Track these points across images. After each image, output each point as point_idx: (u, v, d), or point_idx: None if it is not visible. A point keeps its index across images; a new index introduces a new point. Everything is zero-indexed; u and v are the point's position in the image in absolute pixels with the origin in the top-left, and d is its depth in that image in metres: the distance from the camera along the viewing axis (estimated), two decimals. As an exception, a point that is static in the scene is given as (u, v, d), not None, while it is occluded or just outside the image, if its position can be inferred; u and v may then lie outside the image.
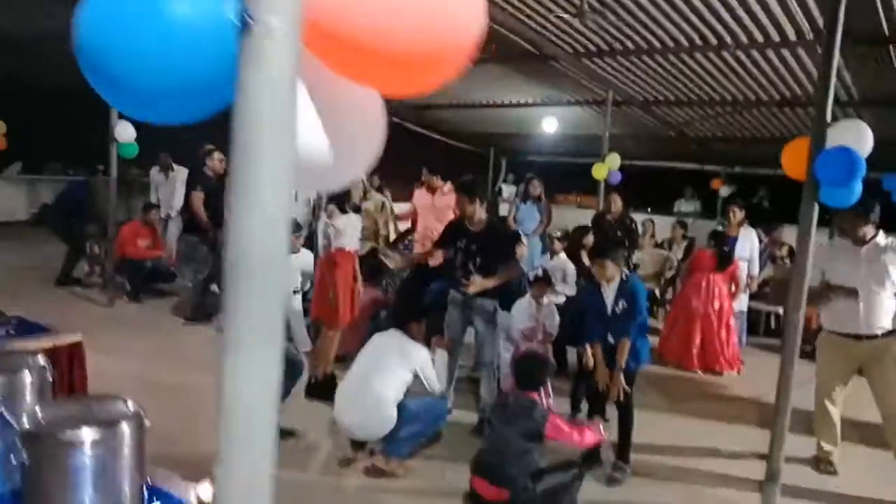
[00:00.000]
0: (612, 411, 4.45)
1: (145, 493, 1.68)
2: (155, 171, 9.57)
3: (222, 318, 0.90)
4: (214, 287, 7.24)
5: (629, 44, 7.61)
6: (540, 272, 5.56)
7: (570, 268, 6.11)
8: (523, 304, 5.25)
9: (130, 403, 1.76)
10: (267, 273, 0.90)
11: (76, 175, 13.24)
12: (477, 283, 4.51)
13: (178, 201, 8.78)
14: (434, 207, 6.77)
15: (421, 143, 14.07)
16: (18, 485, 1.65)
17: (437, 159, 14.37)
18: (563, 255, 6.27)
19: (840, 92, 7.96)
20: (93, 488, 1.55)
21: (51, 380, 1.92)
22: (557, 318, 5.26)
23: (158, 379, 5.38)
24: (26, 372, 1.86)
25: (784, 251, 9.31)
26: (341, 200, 5.30)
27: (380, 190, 8.40)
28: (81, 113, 7.64)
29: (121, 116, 7.27)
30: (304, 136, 1.01)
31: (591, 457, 4.20)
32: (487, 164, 15.89)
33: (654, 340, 7.27)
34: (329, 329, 5.22)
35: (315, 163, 1.09)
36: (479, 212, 4.66)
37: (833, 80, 3.52)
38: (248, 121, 0.85)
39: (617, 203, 8.23)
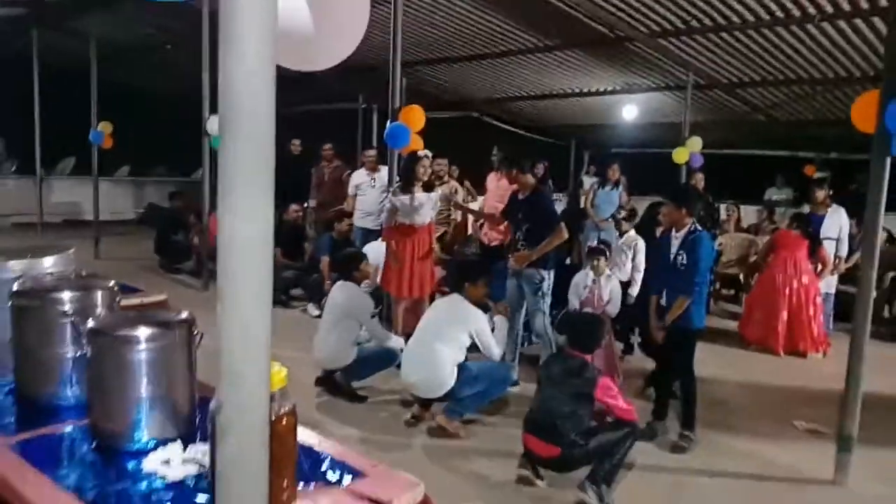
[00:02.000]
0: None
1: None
2: None
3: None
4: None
5: (707, 21, 7.42)
6: (595, 243, 5.51)
7: (641, 244, 5.86)
8: (580, 276, 5.22)
9: (185, 313, 1.94)
10: (254, 122, 1.03)
11: (178, 177, 14.27)
12: (521, 255, 4.65)
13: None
14: (498, 188, 6.85)
15: (503, 137, 14.15)
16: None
17: (520, 153, 14.40)
18: (632, 233, 6.03)
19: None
20: (146, 379, 1.74)
21: (118, 301, 2.15)
22: (619, 296, 5.16)
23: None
24: (99, 292, 2.10)
25: (883, 235, 8.81)
26: (409, 179, 5.47)
27: (459, 181, 8.57)
28: (181, 117, 8.30)
29: (211, 111, 7.76)
30: (286, 5, 1.13)
31: (649, 426, 4.18)
32: (569, 156, 15.76)
33: (734, 325, 7.08)
34: (397, 298, 5.44)
35: (298, 33, 1.22)
36: (527, 179, 4.76)
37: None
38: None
39: (700, 182, 8.00)
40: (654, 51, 8.58)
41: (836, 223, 6.79)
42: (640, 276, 5.68)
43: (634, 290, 5.56)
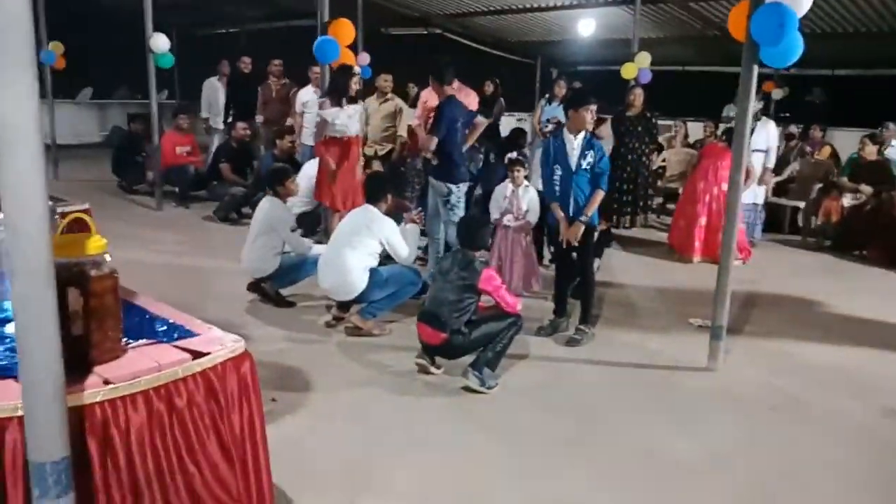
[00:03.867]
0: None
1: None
2: (214, 80, 9.91)
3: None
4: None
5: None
6: (514, 155, 5.72)
7: None
8: (500, 188, 5.47)
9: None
10: (10, 11, 1.26)
11: (141, 98, 14.17)
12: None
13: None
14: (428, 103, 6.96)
15: (467, 55, 14.08)
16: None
17: (486, 72, 14.39)
18: None
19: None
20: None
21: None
22: (537, 205, 5.40)
23: (183, 264, 6.05)
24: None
25: (824, 152, 9.07)
26: (337, 92, 5.62)
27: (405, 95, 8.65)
28: (134, 35, 8.23)
29: (155, 28, 7.76)
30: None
31: (551, 322, 4.55)
32: (535, 74, 15.71)
33: (665, 235, 7.41)
34: (332, 211, 5.69)
35: None
36: (442, 90, 4.96)
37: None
38: None
39: (638, 98, 8.04)
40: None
41: (764, 136, 7.01)
42: None
43: None
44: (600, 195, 4.27)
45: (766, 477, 2.98)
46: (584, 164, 4.24)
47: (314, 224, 6.58)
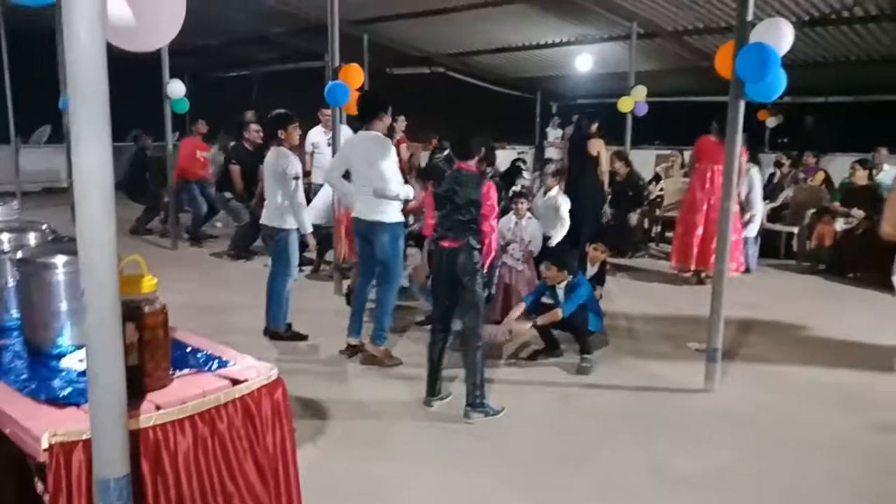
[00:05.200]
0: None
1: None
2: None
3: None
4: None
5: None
6: (519, 188, 5.96)
7: (564, 204, 6.21)
8: (504, 220, 5.70)
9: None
10: (92, 86, 1.49)
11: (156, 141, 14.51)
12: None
13: None
14: None
15: (469, 91, 14.50)
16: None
17: (489, 107, 14.71)
18: (553, 191, 6.34)
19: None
20: (64, 297, 2.22)
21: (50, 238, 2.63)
22: (539, 236, 5.65)
23: (202, 301, 6.28)
24: (32, 233, 2.58)
25: (818, 178, 9.31)
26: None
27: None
28: (145, 83, 8.55)
29: (172, 75, 8.10)
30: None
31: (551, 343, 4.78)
32: (535, 108, 16.11)
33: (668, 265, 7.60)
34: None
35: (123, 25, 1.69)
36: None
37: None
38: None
39: (594, 146, 8.21)
40: (595, 2, 8.92)
41: (746, 185, 7.13)
42: (563, 229, 6.18)
43: (554, 240, 6.08)
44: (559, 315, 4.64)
45: (765, 492, 3.15)
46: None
47: (328, 246, 6.80)
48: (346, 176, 4.88)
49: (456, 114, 12.86)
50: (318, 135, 7.95)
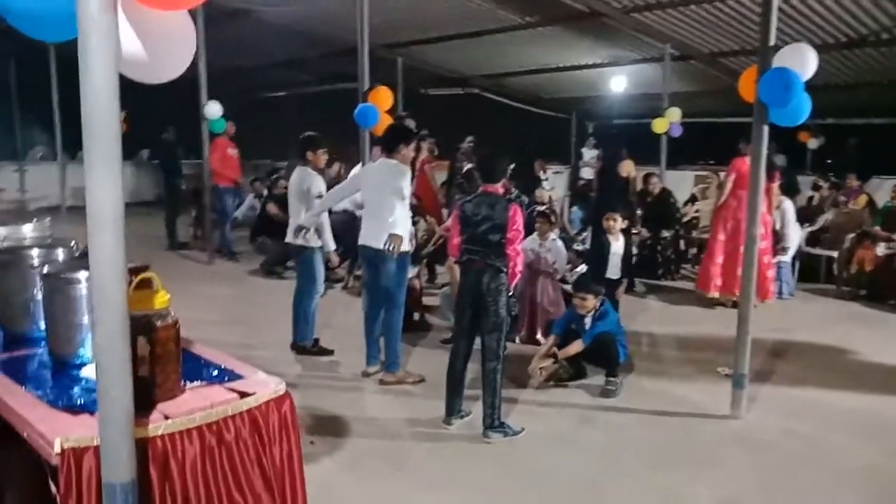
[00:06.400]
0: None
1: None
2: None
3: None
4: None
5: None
6: (542, 207, 5.96)
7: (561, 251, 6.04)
8: (527, 242, 5.69)
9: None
10: (103, 125, 1.58)
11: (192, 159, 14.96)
12: None
13: None
14: None
15: (504, 112, 14.58)
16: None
17: (524, 128, 14.77)
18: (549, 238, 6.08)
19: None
20: (87, 312, 2.31)
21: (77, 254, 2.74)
22: (564, 255, 5.63)
23: (232, 315, 6.42)
24: (60, 249, 2.70)
25: (861, 201, 9.10)
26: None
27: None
28: (182, 103, 8.88)
29: (209, 97, 8.36)
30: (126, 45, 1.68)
31: (578, 370, 4.73)
32: (570, 129, 16.10)
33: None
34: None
35: (134, 60, 1.77)
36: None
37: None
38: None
39: (656, 186, 8.71)
40: (629, 25, 8.92)
41: (779, 220, 7.10)
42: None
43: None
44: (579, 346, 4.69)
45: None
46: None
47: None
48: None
49: (491, 134, 12.95)
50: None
